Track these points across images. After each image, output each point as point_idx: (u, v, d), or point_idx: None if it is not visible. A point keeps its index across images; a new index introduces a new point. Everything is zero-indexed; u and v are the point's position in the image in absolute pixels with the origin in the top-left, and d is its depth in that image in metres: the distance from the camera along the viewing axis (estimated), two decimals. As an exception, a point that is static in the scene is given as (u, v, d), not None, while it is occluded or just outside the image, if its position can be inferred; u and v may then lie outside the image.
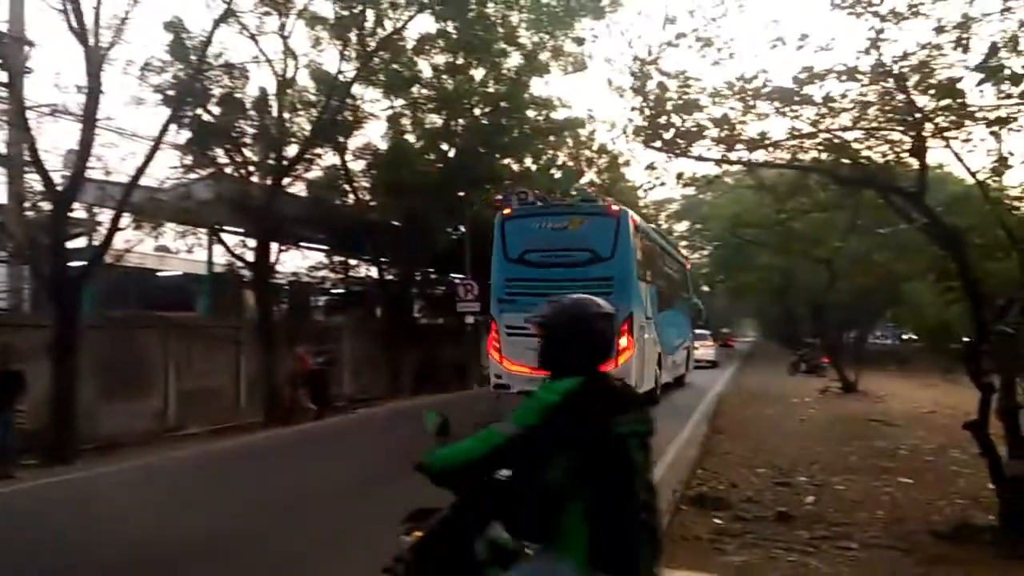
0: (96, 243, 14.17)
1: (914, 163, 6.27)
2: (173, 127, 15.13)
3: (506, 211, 14.36)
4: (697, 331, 24.79)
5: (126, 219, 14.00)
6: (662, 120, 6.03)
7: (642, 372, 13.92)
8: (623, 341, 12.76)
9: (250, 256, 18.51)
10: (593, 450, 2.33)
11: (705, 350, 28.14)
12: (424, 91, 21.79)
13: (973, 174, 6.43)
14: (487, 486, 2.61)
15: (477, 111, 21.83)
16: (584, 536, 2.29)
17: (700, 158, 6.29)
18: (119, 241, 14.17)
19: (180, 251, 19.47)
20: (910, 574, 5.19)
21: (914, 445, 11.03)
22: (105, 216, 14.15)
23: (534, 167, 24.27)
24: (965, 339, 5.89)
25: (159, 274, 27.42)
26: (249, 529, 6.30)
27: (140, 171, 13.20)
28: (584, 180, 29.13)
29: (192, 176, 17.33)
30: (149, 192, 14.56)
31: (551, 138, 23.44)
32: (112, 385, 13.88)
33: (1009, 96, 5.33)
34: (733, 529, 6.31)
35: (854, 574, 5.19)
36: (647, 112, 6.23)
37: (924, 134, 5.68)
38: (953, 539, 5.91)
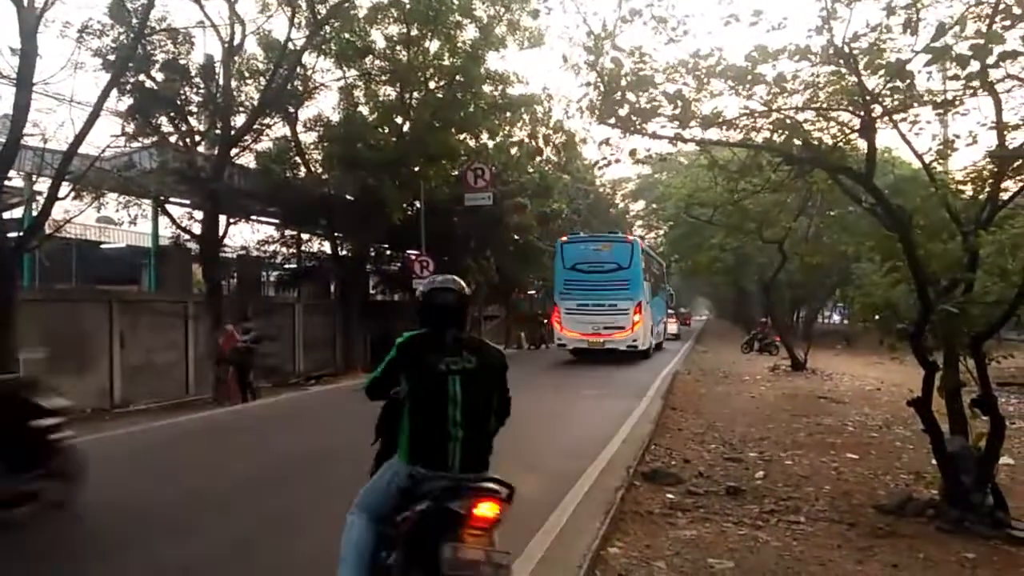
0: (34, 213, 13.64)
1: (863, 145, 6.32)
2: (114, 93, 14.58)
3: (564, 238, 22.89)
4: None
5: (65, 188, 13.47)
6: (616, 97, 5.95)
7: (646, 336, 21.99)
8: (636, 316, 20.98)
9: (197, 229, 18.03)
10: (417, 377, 3.33)
11: (672, 326, 35.93)
12: (377, 62, 21.32)
13: (919, 156, 6.51)
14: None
15: (432, 84, 21.46)
16: (407, 438, 3.32)
17: (654, 136, 6.24)
18: (59, 211, 13.67)
19: (124, 222, 18.87)
20: (856, 547, 5.30)
21: (860, 422, 11.32)
22: (43, 185, 13.64)
23: (491, 144, 24.03)
24: (900, 325, 5.98)
25: (103, 247, 26.63)
26: (191, 510, 6.11)
27: (79, 138, 12.70)
28: (541, 158, 29.04)
29: (135, 145, 16.76)
30: (89, 161, 13.99)
31: (508, 114, 23.18)
32: (55, 361, 13.44)
33: (956, 78, 5.38)
34: (685, 504, 6.38)
35: (802, 547, 5.28)
36: (601, 88, 6.15)
37: (873, 115, 5.71)
38: (897, 513, 6.06)
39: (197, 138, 18.10)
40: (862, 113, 5.65)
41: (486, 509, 3.12)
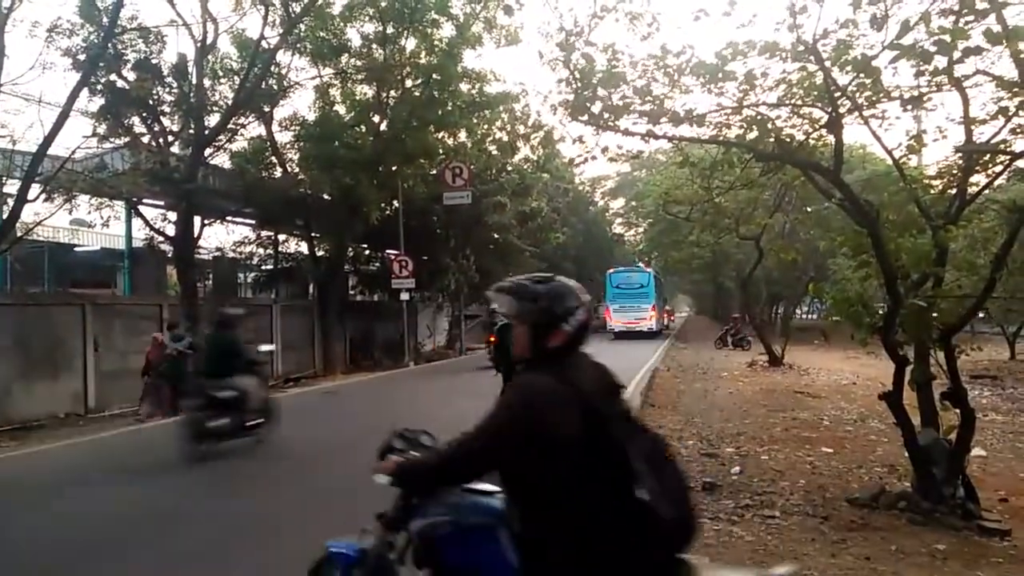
0: (3, 216, 13.41)
1: (832, 140, 6.35)
2: (85, 94, 14.39)
3: (611, 270, 38.61)
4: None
5: (36, 190, 13.27)
6: (588, 93, 5.94)
7: (657, 323, 36.73)
8: (652, 312, 35.85)
9: (171, 230, 17.82)
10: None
11: (665, 319, 47.22)
12: (353, 61, 21.18)
13: (889, 152, 6.56)
14: None
15: (409, 83, 21.34)
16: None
17: (627, 132, 6.24)
18: (29, 213, 13.46)
19: (97, 225, 18.61)
20: (829, 541, 5.32)
21: (836, 416, 11.40)
22: (13, 187, 13.42)
23: (469, 142, 23.97)
24: (868, 320, 6.02)
25: (76, 249, 26.28)
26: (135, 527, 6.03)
27: (49, 139, 12.52)
28: (519, 156, 28.99)
29: (107, 145, 16.54)
30: (60, 162, 13.78)
31: (485, 112, 23.11)
32: (28, 365, 13.27)
33: (922, 74, 5.42)
34: (660, 501, 6.35)
35: (776, 542, 5.29)
36: (574, 85, 6.14)
37: (840, 110, 5.73)
38: (870, 506, 6.10)
39: (170, 138, 17.88)
40: (830, 108, 5.67)
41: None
